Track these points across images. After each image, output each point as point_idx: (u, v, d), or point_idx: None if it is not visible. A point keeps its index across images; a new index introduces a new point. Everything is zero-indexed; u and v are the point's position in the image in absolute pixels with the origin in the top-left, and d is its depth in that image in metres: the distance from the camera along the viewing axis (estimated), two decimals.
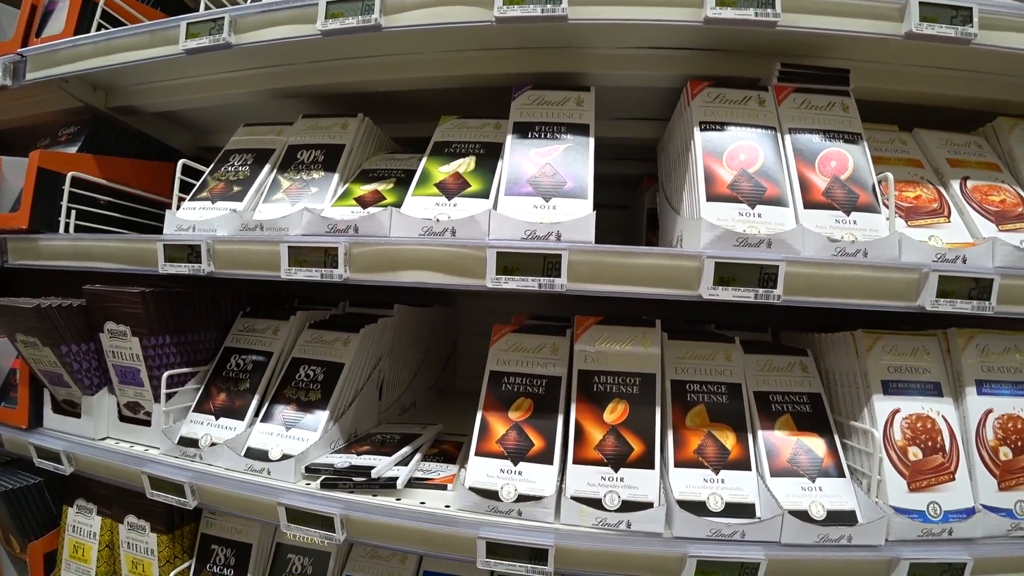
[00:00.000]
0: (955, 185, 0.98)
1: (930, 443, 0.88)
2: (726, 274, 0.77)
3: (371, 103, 1.16)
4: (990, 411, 0.91)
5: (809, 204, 0.86)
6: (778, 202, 0.85)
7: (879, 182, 0.90)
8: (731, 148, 0.88)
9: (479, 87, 1.06)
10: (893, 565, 0.82)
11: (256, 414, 1.07)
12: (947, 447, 0.89)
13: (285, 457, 0.98)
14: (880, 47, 0.96)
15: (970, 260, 0.86)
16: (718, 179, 0.86)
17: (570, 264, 0.77)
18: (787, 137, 0.91)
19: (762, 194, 0.85)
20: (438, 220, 0.84)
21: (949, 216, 0.94)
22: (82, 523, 1.20)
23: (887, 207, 0.88)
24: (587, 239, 0.79)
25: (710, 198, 0.84)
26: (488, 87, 1.06)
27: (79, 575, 1.20)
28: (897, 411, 0.89)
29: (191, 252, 0.97)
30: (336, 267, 0.86)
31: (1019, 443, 0.90)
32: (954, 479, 0.87)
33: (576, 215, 0.80)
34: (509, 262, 0.77)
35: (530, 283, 0.77)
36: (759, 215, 0.83)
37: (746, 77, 0.99)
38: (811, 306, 0.82)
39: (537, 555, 0.79)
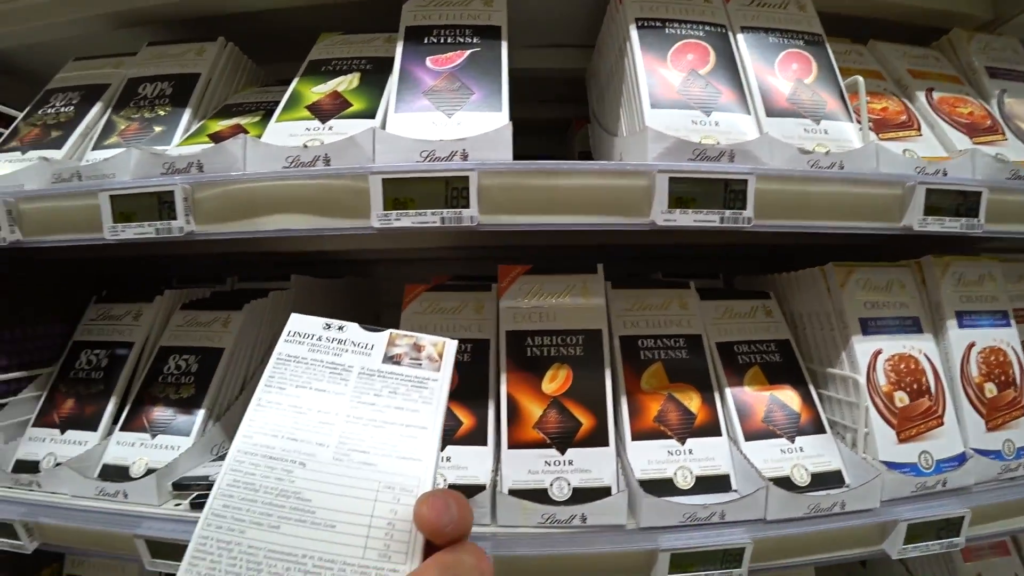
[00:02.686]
0: (921, 96, 0.81)
1: (916, 385, 0.72)
2: (684, 192, 0.56)
3: (243, 32, 0.88)
4: (972, 344, 0.75)
5: (773, 111, 0.66)
6: (737, 108, 0.65)
7: (847, 88, 0.71)
8: (676, 46, 0.67)
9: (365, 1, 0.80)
10: (889, 528, 0.65)
11: (115, 421, 0.79)
12: (932, 389, 0.72)
13: (150, 473, 0.71)
14: None
15: (950, 173, 0.69)
16: (664, 82, 0.64)
17: (481, 189, 0.53)
18: (739, 36, 0.71)
19: (718, 99, 0.65)
20: (306, 147, 0.59)
21: (919, 129, 0.77)
22: None
23: (859, 115, 0.69)
24: (503, 158, 0.56)
25: (656, 104, 0.62)
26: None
27: None
28: (879, 352, 0.72)
29: None
30: (175, 218, 0.60)
31: (1003, 378, 0.75)
32: (943, 423, 0.71)
33: (487, 129, 0.57)
34: (401, 192, 0.53)
35: (430, 218, 0.53)
36: (716, 123, 0.63)
37: None
38: (780, 230, 0.62)
39: None
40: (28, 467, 0.76)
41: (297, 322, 0.38)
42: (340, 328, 0.39)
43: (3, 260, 0.84)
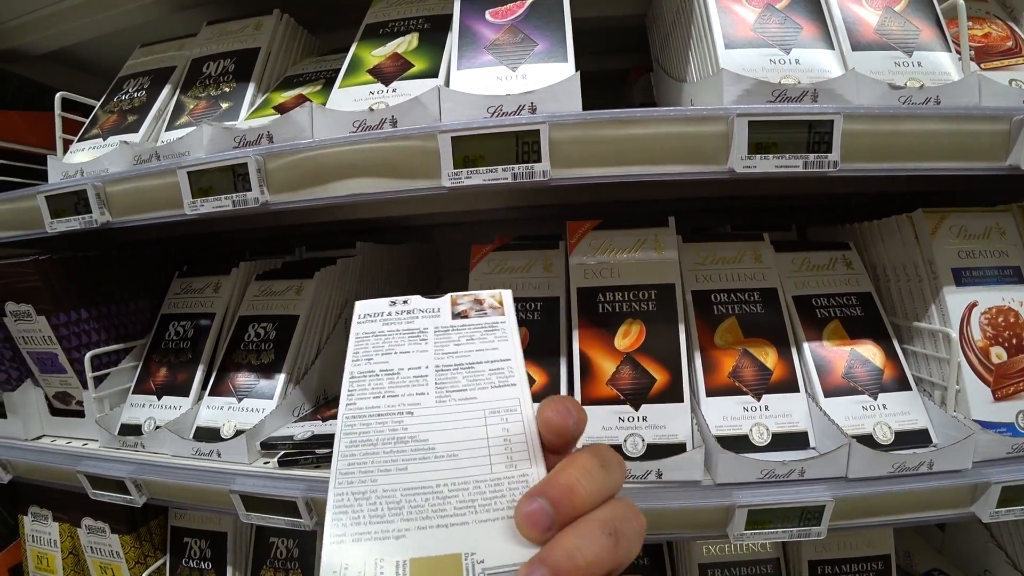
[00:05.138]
0: None
1: (1015, 340, 0.67)
2: (764, 137, 0.52)
3: (296, 2, 0.88)
4: None
5: (859, 45, 0.61)
6: (819, 44, 0.60)
7: (943, 14, 0.64)
8: None
9: None
10: (980, 491, 0.61)
11: (204, 387, 0.84)
12: None
13: (239, 434, 0.76)
14: None
15: None
16: (738, 20, 0.60)
17: (552, 143, 0.52)
18: None
19: (798, 34, 0.60)
20: (372, 110, 0.59)
21: None
22: (40, 531, 1.00)
23: (958, 44, 0.63)
24: (572, 109, 0.54)
25: (730, 44, 0.58)
26: None
27: None
28: (974, 305, 0.67)
29: (78, 201, 0.71)
30: (250, 189, 0.61)
31: None
32: None
33: (554, 81, 0.55)
34: (470, 149, 0.53)
35: (501, 174, 0.53)
36: (796, 61, 0.58)
37: None
38: (870, 174, 0.58)
39: None
40: (132, 430, 0.83)
41: (364, 306, 0.41)
42: (404, 302, 0.41)
43: (95, 242, 0.91)
